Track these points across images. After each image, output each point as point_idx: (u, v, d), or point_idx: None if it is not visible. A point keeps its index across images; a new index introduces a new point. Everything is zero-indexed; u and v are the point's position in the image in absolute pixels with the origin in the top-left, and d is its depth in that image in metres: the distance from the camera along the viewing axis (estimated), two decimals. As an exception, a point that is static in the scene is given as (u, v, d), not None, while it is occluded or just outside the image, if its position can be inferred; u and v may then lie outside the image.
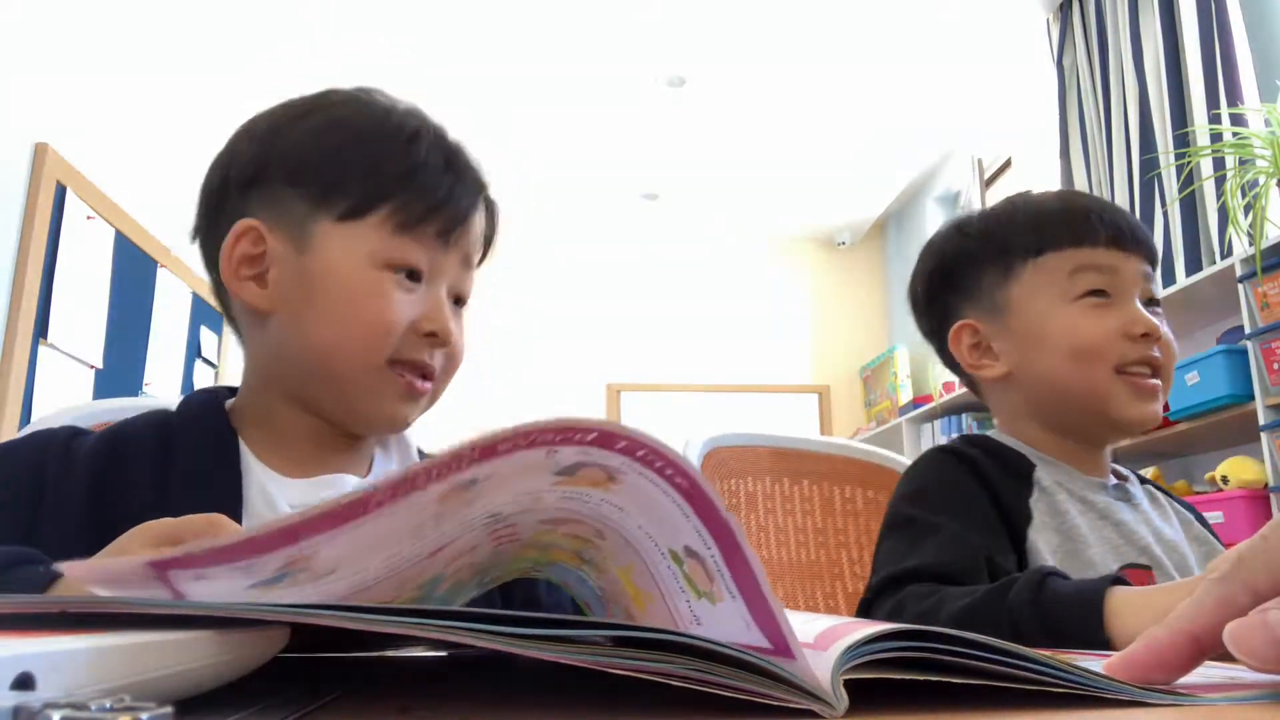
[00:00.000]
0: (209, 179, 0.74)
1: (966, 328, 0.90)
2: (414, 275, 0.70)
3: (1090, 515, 0.82)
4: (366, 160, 0.70)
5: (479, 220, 0.75)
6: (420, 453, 0.85)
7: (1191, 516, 0.90)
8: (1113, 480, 0.88)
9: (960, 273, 0.92)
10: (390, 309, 0.69)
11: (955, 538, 0.75)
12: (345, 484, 0.73)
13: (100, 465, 0.67)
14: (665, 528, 0.32)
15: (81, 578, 0.31)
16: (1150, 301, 0.86)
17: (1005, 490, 0.82)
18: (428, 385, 0.73)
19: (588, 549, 0.40)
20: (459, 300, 0.76)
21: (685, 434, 1.15)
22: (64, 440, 0.68)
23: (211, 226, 0.73)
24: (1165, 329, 0.85)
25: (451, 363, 0.75)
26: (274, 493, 0.69)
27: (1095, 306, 0.84)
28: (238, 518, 0.66)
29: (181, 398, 0.76)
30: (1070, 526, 0.80)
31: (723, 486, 1.13)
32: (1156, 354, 0.83)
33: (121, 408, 0.88)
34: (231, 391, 0.77)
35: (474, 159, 0.76)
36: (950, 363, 0.94)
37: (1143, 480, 0.93)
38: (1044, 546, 0.78)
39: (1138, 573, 0.78)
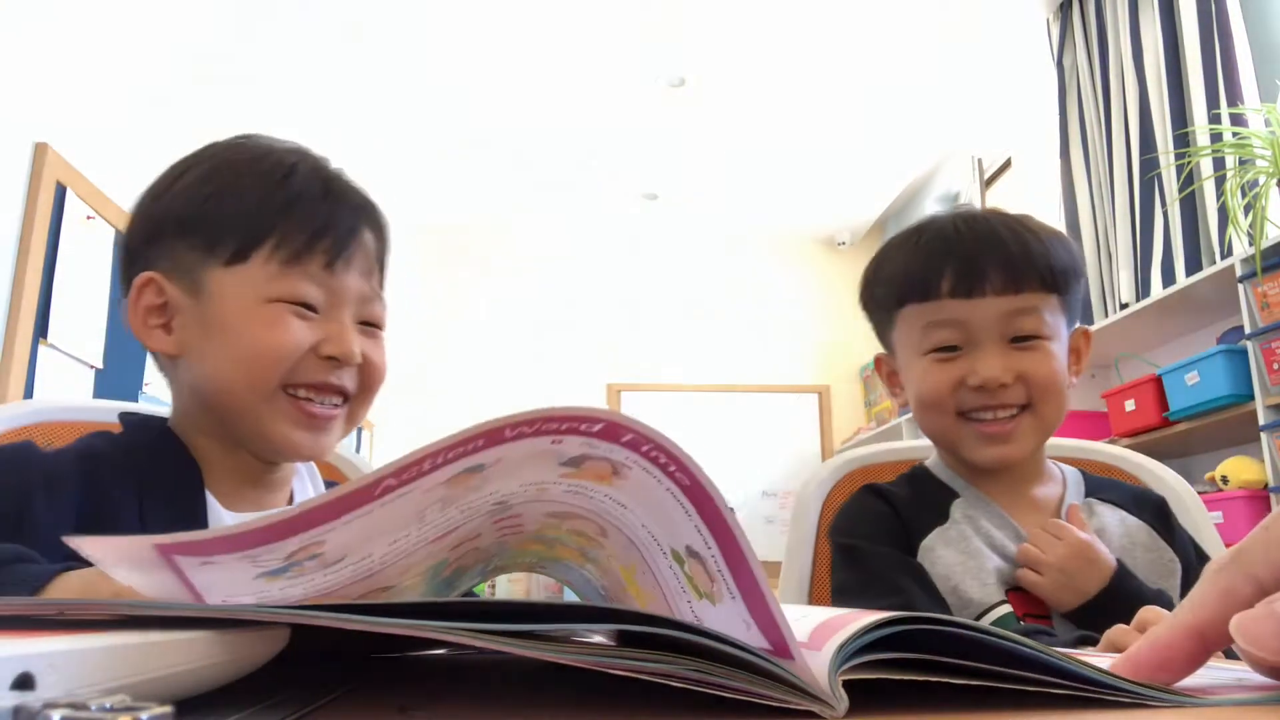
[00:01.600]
0: (121, 245, 0.79)
1: (881, 360, 0.99)
2: (309, 306, 0.73)
3: (999, 535, 0.88)
4: (244, 202, 0.73)
5: (367, 241, 0.77)
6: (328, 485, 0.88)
7: (1148, 522, 0.90)
8: (1033, 508, 0.91)
9: (868, 312, 0.99)
10: (280, 335, 0.71)
11: (886, 574, 0.84)
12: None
13: (86, 489, 0.68)
14: (667, 526, 0.32)
15: (91, 554, 0.31)
16: (1018, 339, 0.86)
17: (914, 523, 0.89)
18: (334, 411, 0.75)
19: (592, 548, 0.41)
20: (372, 324, 0.78)
21: (815, 467, 1.18)
22: (40, 464, 0.69)
23: (125, 286, 0.76)
24: (1043, 360, 0.85)
25: (367, 379, 0.77)
26: (225, 520, 0.72)
27: (940, 360, 0.87)
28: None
29: (123, 422, 0.78)
30: (974, 548, 0.86)
31: None
32: (1007, 398, 0.86)
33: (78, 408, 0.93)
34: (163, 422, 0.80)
35: (354, 183, 0.79)
36: None
37: (1095, 492, 0.93)
38: (939, 560, 0.86)
39: (1023, 595, 0.84)
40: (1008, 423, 0.86)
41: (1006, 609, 0.81)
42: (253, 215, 0.72)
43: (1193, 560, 0.88)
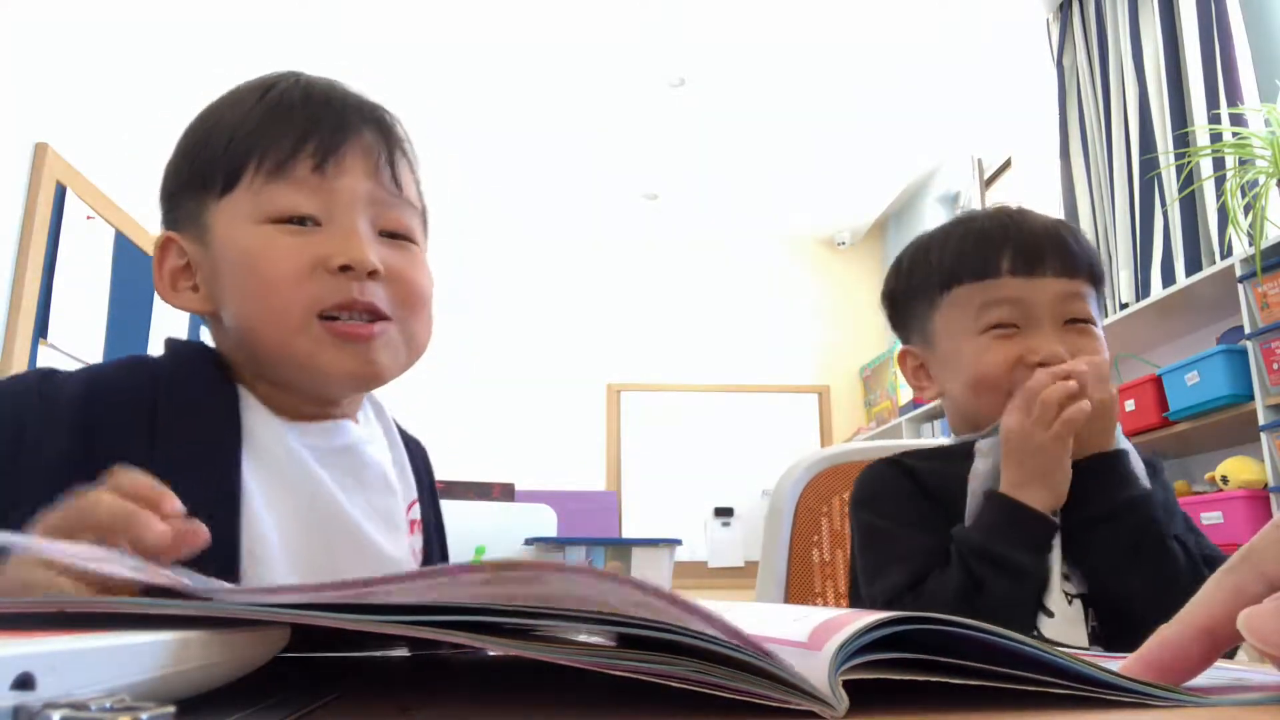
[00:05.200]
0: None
1: (908, 353, 0.96)
2: (306, 220, 0.66)
3: None
4: (226, 128, 0.68)
5: (367, 139, 0.70)
6: (398, 426, 0.83)
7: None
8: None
9: (899, 304, 0.98)
10: (281, 259, 0.65)
11: (908, 548, 0.82)
12: (348, 429, 0.72)
13: (85, 410, 0.63)
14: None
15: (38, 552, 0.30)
16: (1076, 320, 0.86)
17: (940, 480, 0.86)
18: (373, 327, 0.67)
19: None
20: (397, 235, 0.71)
21: (791, 457, 1.16)
22: (36, 385, 0.64)
23: None
24: (1097, 345, 0.85)
25: (402, 294, 0.69)
26: (282, 430, 0.67)
27: (999, 338, 0.86)
28: (236, 448, 0.64)
29: (166, 345, 0.72)
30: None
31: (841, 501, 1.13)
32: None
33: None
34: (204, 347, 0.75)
35: (346, 88, 0.72)
36: None
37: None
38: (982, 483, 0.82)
39: None
40: None
41: None
42: (234, 136, 0.67)
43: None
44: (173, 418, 0.64)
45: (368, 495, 0.70)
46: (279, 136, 0.67)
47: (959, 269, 0.89)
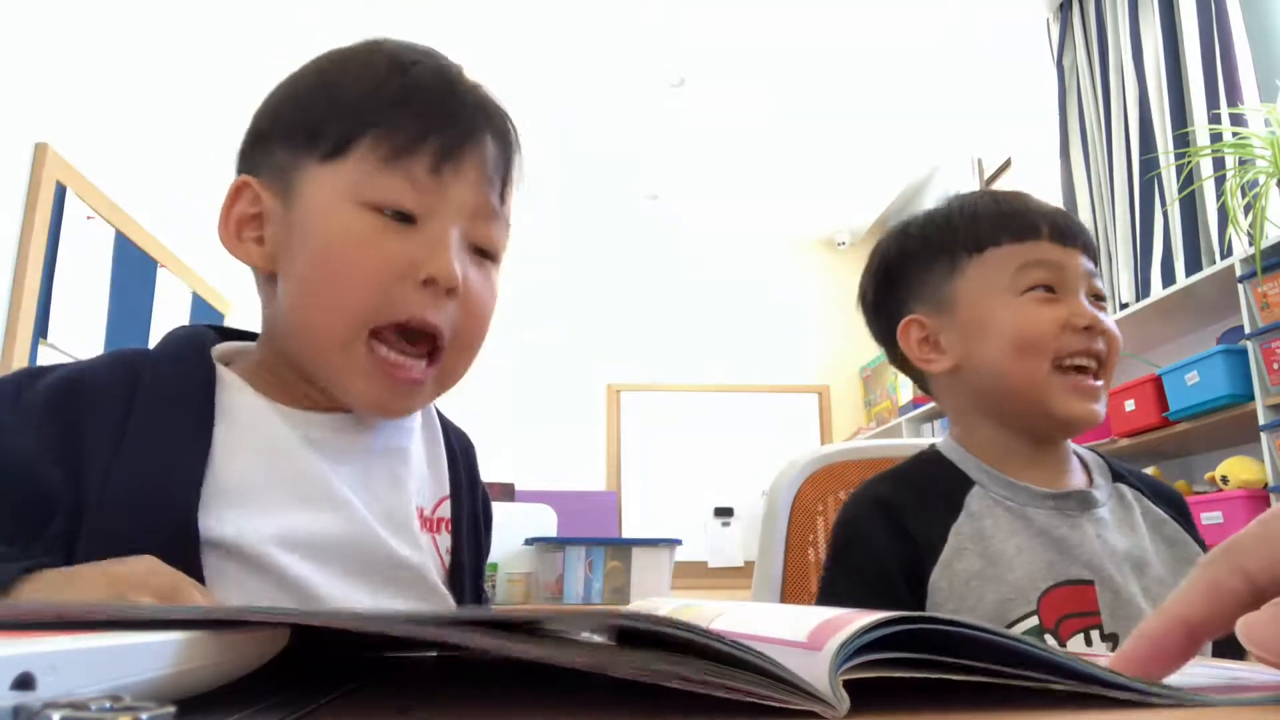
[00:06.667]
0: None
1: (914, 322, 0.91)
2: (405, 216, 0.62)
3: (1024, 535, 0.81)
4: (350, 92, 0.64)
5: (488, 151, 0.66)
6: (441, 416, 0.80)
7: (1168, 515, 0.87)
8: (1067, 488, 0.85)
9: (906, 271, 0.93)
10: (371, 252, 0.61)
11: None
12: (359, 422, 0.69)
13: (58, 398, 0.61)
14: None
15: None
16: (1096, 298, 0.87)
17: (922, 527, 0.82)
18: (420, 375, 0.64)
19: None
20: (482, 252, 0.67)
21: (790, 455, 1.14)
22: (20, 380, 0.62)
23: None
24: (1110, 324, 0.86)
25: (470, 319, 0.66)
26: (272, 416, 0.65)
27: (1041, 300, 0.84)
28: (204, 444, 0.61)
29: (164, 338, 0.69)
30: (994, 552, 0.80)
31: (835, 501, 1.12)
32: (1100, 346, 0.84)
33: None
34: (221, 332, 0.73)
35: (482, 87, 0.69)
36: (901, 363, 0.95)
37: (1120, 477, 0.90)
38: (961, 573, 0.79)
39: (1073, 588, 0.78)
40: (1095, 383, 0.84)
41: (1031, 623, 0.76)
42: (358, 105, 0.63)
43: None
44: (147, 405, 0.62)
45: (371, 492, 0.68)
46: (405, 122, 0.63)
47: (997, 230, 0.87)
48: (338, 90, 0.65)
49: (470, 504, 0.78)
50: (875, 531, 0.83)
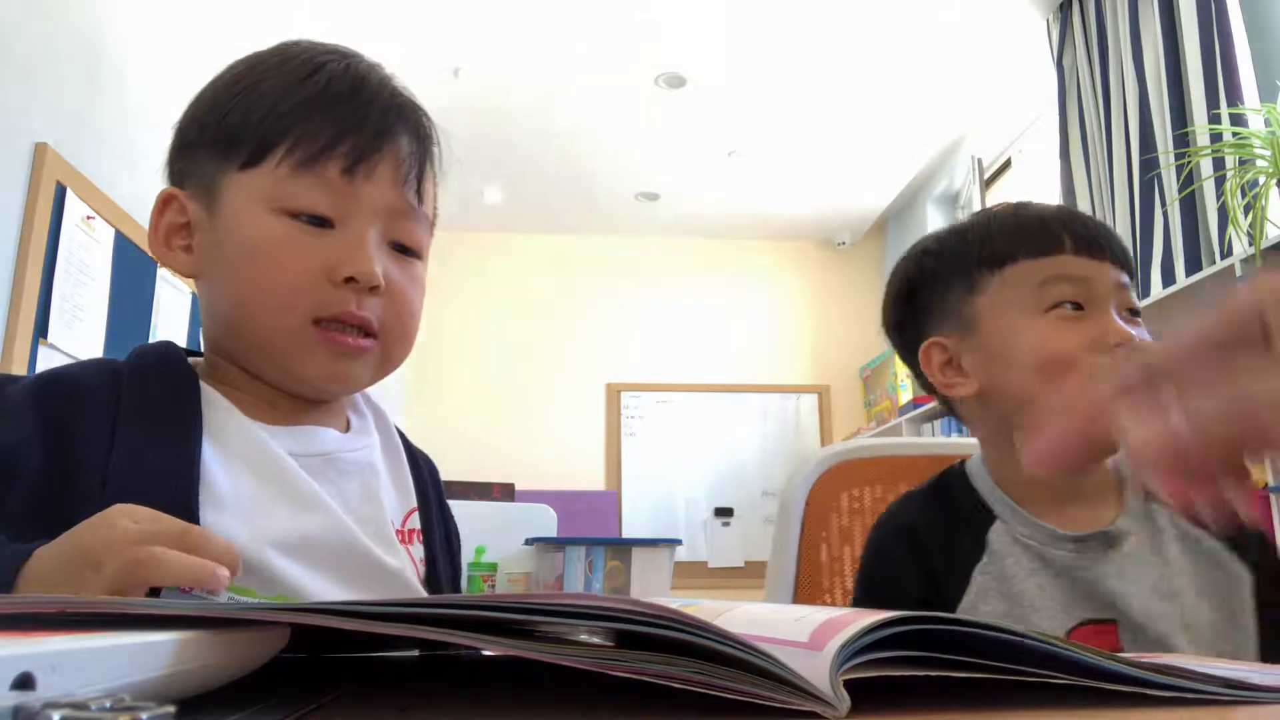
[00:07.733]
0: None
1: (936, 345, 0.87)
2: (320, 221, 0.64)
3: (1045, 574, 0.79)
4: (265, 99, 0.65)
5: (402, 150, 0.67)
6: (401, 434, 0.80)
7: (1199, 534, 0.82)
8: (1094, 525, 0.80)
9: (926, 291, 0.89)
10: (288, 259, 0.63)
11: None
12: (325, 436, 0.70)
13: (38, 397, 0.61)
14: None
15: None
16: (1131, 313, 0.81)
17: (945, 563, 0.80)
18: (365, 342, 0.66)
19: None
20: (404, 249, 0.69)
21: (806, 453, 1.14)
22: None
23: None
24: (1146, 341, 0.80)
25: (397, 312, 0.67)
26: (258, 432, 0.65)
27: (1067, 319, 0.79)
28: (197, 431, 0.62)
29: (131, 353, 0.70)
30: (1017, 592, 0.78)
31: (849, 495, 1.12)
32: None
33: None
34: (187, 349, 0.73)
35: (395, 83, 0.70)
36: (930, 387, 0.91)
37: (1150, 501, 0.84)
38: (985, 616, 0.76)
39: (1096, 628, 0.76)
40: None
41: None
42: (270, 113, 0.64)
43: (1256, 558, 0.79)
44: (134, 408, 0.63)
45: (348, 503, 0.68)
46: (318, 126, 0.64)
47: (1016, 245, 0.82)
48: (252, 96, 0.66)
49: (442, 523, 0.80)
50: (900, 564, 0.82)
